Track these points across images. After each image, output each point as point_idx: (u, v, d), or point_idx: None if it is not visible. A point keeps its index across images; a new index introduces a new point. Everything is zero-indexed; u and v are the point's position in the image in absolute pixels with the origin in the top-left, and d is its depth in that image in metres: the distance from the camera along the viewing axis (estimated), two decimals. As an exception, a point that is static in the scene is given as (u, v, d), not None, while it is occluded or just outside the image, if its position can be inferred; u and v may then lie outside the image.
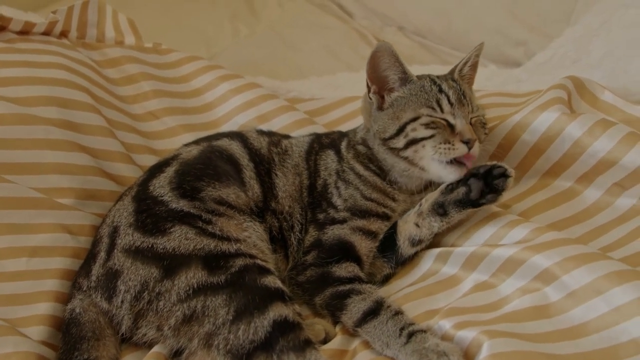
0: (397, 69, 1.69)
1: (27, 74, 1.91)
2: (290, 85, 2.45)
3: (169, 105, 2.19)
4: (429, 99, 1.67)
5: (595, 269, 1.37)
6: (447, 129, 1.63)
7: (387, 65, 1.68)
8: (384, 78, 1.70)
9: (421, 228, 1.65)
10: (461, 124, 1.63)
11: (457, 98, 1.67)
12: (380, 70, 1.69)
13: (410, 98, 1.69)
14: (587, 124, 1.66)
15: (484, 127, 1.73)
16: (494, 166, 1.59)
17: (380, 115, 1.71)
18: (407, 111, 1.67)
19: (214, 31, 3.49)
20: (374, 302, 1.49)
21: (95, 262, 1.57)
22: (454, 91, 1.68)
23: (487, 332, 1.33)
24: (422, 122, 1.64)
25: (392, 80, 1.70)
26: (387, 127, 1.69)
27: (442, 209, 1.62)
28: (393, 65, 1.68)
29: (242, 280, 1.46)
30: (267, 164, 1.76)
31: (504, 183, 1.57)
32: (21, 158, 1.76)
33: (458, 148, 1.60)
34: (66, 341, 1.49)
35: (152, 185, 1.65)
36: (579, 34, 2.44)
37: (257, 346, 1.39)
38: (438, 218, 1.62)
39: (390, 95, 1.71)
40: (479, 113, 1.71)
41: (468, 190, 1.59)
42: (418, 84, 1.70)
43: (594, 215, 1.64)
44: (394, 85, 1.71)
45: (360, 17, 3.57)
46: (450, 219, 1.62)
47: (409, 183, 1.73)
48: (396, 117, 1.68)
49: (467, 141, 1.61)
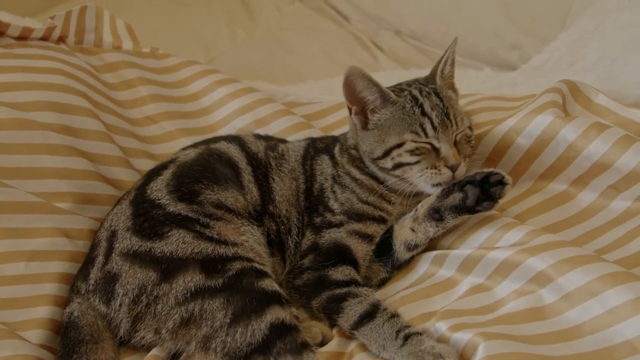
0: (373, 89, 1.68)
1: (25, 79, 1.92)
2: (287, 90, 2.46)
3: (167, 110, 2.20)
4: (412, 124, 1.66)
5: (589, 271, 1.38)
6: (432, 153, 1.64)
7: (362, 87, 1.68)
8: (362, 99, 1.70)
9: (417, 233, 1.65)
10: (445, 150, 1.63)
11: (440, 121, 1.65)
12: (356, 93, 1.69)
13: (394, 120, 1.68)
14: (582, 127, 1.66)
15: (469, 142, 1.72)
16: (491, 173, 1.59)
17: (367, 136, 1.72)
18: (392, 135, 1.67)
19: (211, 35, 3.50)
20: (371, 305, 1.50)
21: (94, 265, 1.58)
22: (437, 112, 1.66)
23: (483, 334, 1.34)
24: (407, 148, 1.65)
25: (371, 100, 1.70)
26: (373, 149, 1.69)
27: (438, 214, 1.62)
28: (368, 87, 1.68)
29: (239, 284, 1.47)
30: (264, 168, 1.76)
31: (501, 191, 1.58)
32: (19, 163, 1.76)
33: (444, 173, 1.62)
34: (65, 344, 1.50)
35: (149, 189, 1.65)
36: (574, 38, 2.45)
37: (255, 349, 1.40)
38: (434, 223, 1.63)
39: (373, 115, 1.71)
40: (463, 128, 1.69)
41: (464, 197, 1.59)
42: (399, 105, 1.69)
43: (589, 218, 1.65)
44: (375, 104, 1.70)
45: (356, 21, 3.59)
46: (446, 224, 1.63)
47: (403, 191, 1.72)
48: (381, 140, 1.68)
49: (452, 167, 1.62)
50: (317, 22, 3.61)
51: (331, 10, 3.70)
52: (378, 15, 3.48)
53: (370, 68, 3.08)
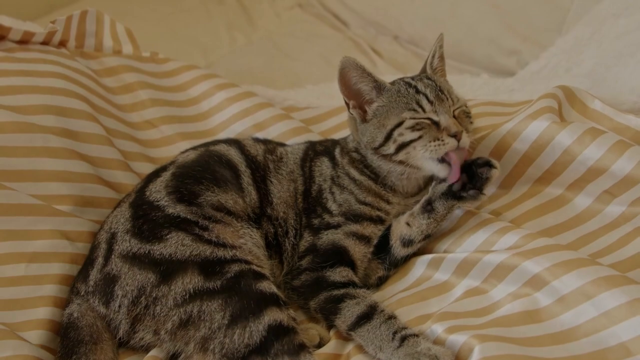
0: (367, 79, 1.70)
1: (26, 83, 1.93)
2: (286, 94, 2.47)
3: (166, 114, 2.21)
4: (408, 102, 1.68)
5: (584, 274, 1.39)
6: (432, 127, 1.65)
7: (357, 78, 1.70)
8: (358, 91, 1.72)
9: (411, 227, 1.67)
10: (445, 120, 1.64)
11: (435, 95, 1.68)
12: (352, 85, 1.71)
13: (391, 105, 1.70)
14: (577, 132, 1.67)
15: (468, 117, 1.74)
16: (478, 157, 1.63)
17: (366, 127, 1.74)
18: (391, 117, 1.69)
19: (210, 40, 3.52)
20: (368, 307, 1.51)
21: (93, 267, 1.59)
22: (431, 89, 1.69)
23: (479, 336, 1.35)
24: (407, 125, 1.66)
25: (366, 92, 1.72)
26: (374, 136, 1.71)
27: (429, 205, 1.65)
28: (362, 77, 1.70)
29: (237, 286, 1.48)
30: (262, 171, 1.78)
31: (489, 172, 1.60)
32: (20, 165, 1.77)
33: (448, 142, 1.61)
34: (64, 345, 1.51)
35: (148, 190, 1.67)
36: (571, 44, 2.47)
37: (253, 350, 1.41)
38: (426, 215, 1.65)
39: (370, 106, 1.73)
40: (460, 104, 1.73)
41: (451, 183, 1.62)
42: (394, 90, 1.72)
43: (584, 222, 1.66)
44: (371, 96, 1.72)
45: (355, 26, 3.60)
46: (437, 215, 1.64)
47: (408, 185, 1.76)
48: (381, 125, 1.70)
49: (455, 134, 1.62)
50: (316, 28, 3.62)
51: (330, 16, 3.72)
52: (377, 21, 3.50)
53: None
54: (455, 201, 1.63)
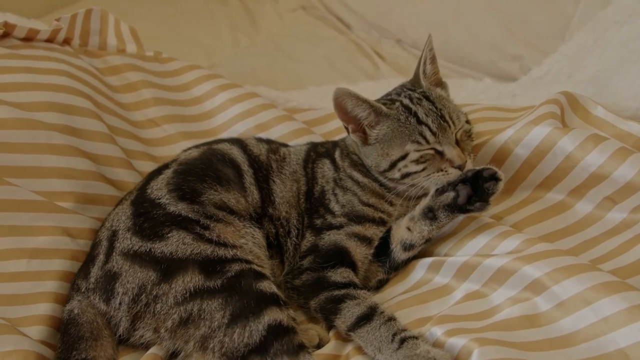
0: (363, 106, 1.70)
1: (30, 80, 1.94)
2: (289, 95, 2.48)
3: (169, 113, 2.21)
4: (411, 134, 1.67)
5: (584, 280, 1.40)
6: (436, 157, 1.66)
7: (352, 106, 1.70)
8: (355, 117, 1.72)
9: (412, 232, 1.67)
10: (449, 152, 1.65)
11: (437, 125, 1.67)
12: (348, 112, 1.71)
13: (393, 134, 1.70)
14: (579, 138, 1.68)
15: (469, 138, 1.74)
16: (484, 168, 1.61)
17: (370, 151, 1.74)
18: (394, 148, 1.69)
19: (213, 42, 3.53)
20: (368, 308, 1.51)
21: (94, 264, 1.60)
22: (433, 117, 1.68)
23: (478, 340, 1.35)
24: (411, 158, 1.67)
25: (364, 117, 1.72)
26: (379, 163, 1.72)
27: (432, 213, 1.64)
28: (357, 104, 1.70)
29: (238, 285, 1.48)
30: (265, 171, 1.78)
31: (495, 186, 1.59)
32: (23, 162, 1.78)
33: (452, 173, 1.64)
34: (64, 341, 1.51)
35: (149, 188, 1.67)
36: (574, 50, 2.48)
37: (252, 349, 1.42)
38: (428, 222, 1.65)
39: (372, 129, 1.73)
40: (461, 125, 1.71)
41: (456, 196, 1.61)
42: (394, 116, 1.71)
43: (585, 228, 1.66)
44: (369, 119, 1.72)
45: (358, 29, 3.61)
46: (440, 224, 1.64)
47: (414, 195, 1.74)
48: (385, 154, 1.71)
49: (459, 167, 1.64)
50: (320, 30, 3.63)
51: (333, 18, 3.73)
52: (380, 24, 3.51)
53: (371, 76, 3.12)
54: (459, 214, 1.63)
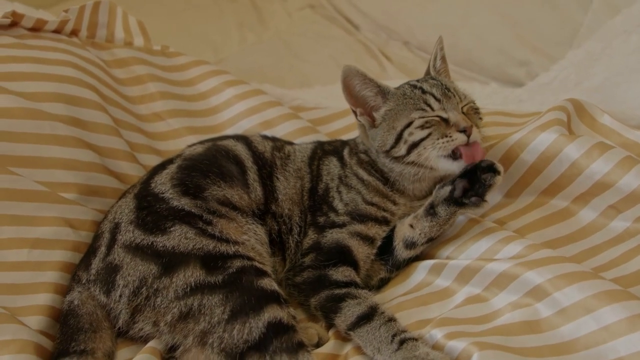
0: (370, 85, 1.72)
1: (36, 70, 1.94)
2: (295, 94, 2.48)
3: (174, 108, 2.21)
4: (416, 102, 1.70)
5: (586, 287, 1.39)
6: (442, 124, 1.66)
7: (360, 85, 1.72)
8: (362, 98, 1.74)
9: (415, 229, 1.67)
10: (454, 116, 1.66)
11: (442, 93, 1.70)
12: (356, 93, 1.73)
13: (399, 108, 1.72)
14: (585, 146, 1.67)
15: (477, 113, 1.75)
16: (482, 160, 1.62)
17: (376, 132, 1.74)
18: (400, 119, 1.70)
19: (221, 38, 3.52)
20: (369, 308, 1.51)
21: (96, 256, 1.60)
22: (437, 87, 1.71)
23: (477, 344, 1.35)
24: (417, 124, 1.67)
25: (371, 98, 1.74)
26: (385, 139, 1.72)
27: (432, 209, 1.65)
28: (365, 84, 1.72)
29: (239, 281, 1.48)
30: (269, 167, 1.78)
31: (492, 178, 1.60)
32: (27, 151, 1.78)
33: (457, 138, 1.62)
34: (63, 332, 1.51)
35: (153, 182, 1.67)
36: (581, 58, 2.48)
37: (251, 346, 1.42)
38: (429, 218, 1.65)
39: (378, 112, 1.74)
40: (468, 100, 1.74)
41: (452, 189, 1.62)
42: (400, 93, 1.74)
43: (589, 236, 1.66)
44: (376, 102, 1.74)
45: (366, 30, 3.60)
46: (439, 219, 1.64)
47: (419, 188, 1.76)
48: (391, 128, 1.71)
49: (464, 129, 1.63)
50: (327, 29, 3.62)
51: (341, 18, 3.72)
52: (388, 25, 3.50)
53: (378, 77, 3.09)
54: (456, 207, 1.63)
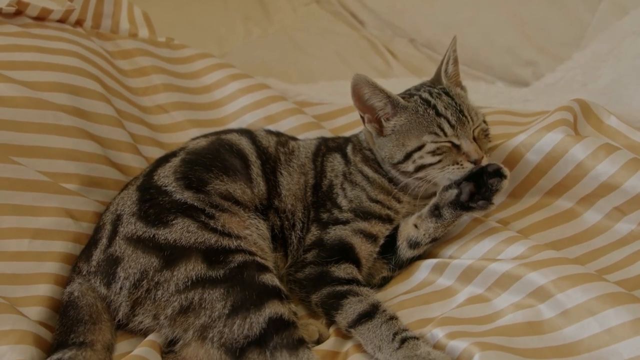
0: (380, 95, 1.69)
1: (40, 59, 1.93)
2: (299, 89, 2.46)
3: (178, 100, 2.20)
4: (429, 125, 1.66)
5: (590, 289, 1.38)
6: (453, 150, 1.65)
7: (369, 94, 1.69)
8: (371, 106, 1.71)
9: (419, 229, 1.66)
10: (466, 145, 1.64)
11: (456, 118, 1.66)
12: (365, 101, 1.71)
13: (410, 125, 1.69)
14: (591, 147, 1.66)
15: (487, 136, 1.74)
16: (488, 164, 1.61)
17: (384, 142, 1.73)
18: (411, 139, 1.68)
19: (225, 31, 3.51)
20: (370, 305, 1.50)
21: (97, 247, 1.59)
22: (452, 111, 1.67)
23: (479, 344, 1.34)
24: (428, 150, 1.65)
25: (380, 107, 1.71)
26: (393, 154, 1.70)
27: (437, 210, 1.64)
28: (375, 94, 1.69)
29: (240, 276, 1.47)
30: (273, 162, 1.77)
31: (499, 183, 1.59)
32: (30, 141, 1.77)
33: (466, 167, 1.62)
34: (63, 323, 1.50)
35: (156, 175, 1.66)
36: (588, 59, 2.46)
37: (251, 341, 1.41)
38: (434, 219, 1.64)
39: (388, 122, 1.72)
40: (479, 122, 1.71)
41: (459, 193, 1.61)
42: (412, 108, 1.70)
43: (593, 238, 1.65)
44: (386, 111, 1.71)
45: (372, 26, 3.59)
46: (445, 222, 1.63)
47: (424, 192, 1.73)
48: (401, 145, 1.69)
49: (474, 162, 1.63)
50: (333, 25, 3.61)
51: (347, 14, 3.71)
52: (394, 22, 3.49)
53: (383, 74, 3.10)
54: (462, 211, 1.62)
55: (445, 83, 1.77)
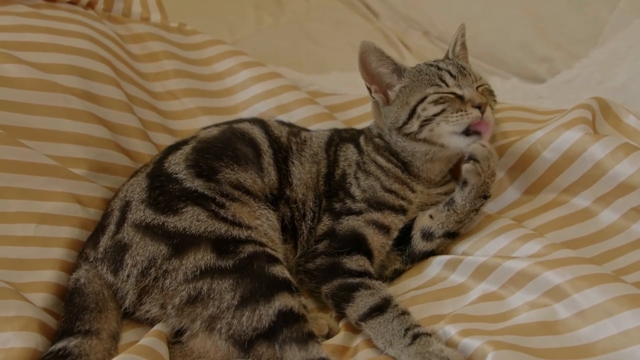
0: (386, 62, 1.72)
1: (50, 41, 1.91)
2: (312, 79, 2.44)
3: (189, 87, 2.18)
4: (431, 78, 1.69)
5: (607, 290, 1.36)
6: (456, 100, 1.65)
7: (376, 62, 1.71)
8: (378, 75, 1.73)
9: (434, 219, 1.65)
10: (469, 92, 1.65)
11: (457, 70, 1.70)
12: (372, 69, 1.72)
13: (413, 84, 1.71)
14: (610, 146, 1.64)
15: (492, 94, 1.75)
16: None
17: (390, 109, 1.73)
18: (414, 95, 1.69)
19: (236, 19, 3.48)
20: (382, 299, 1.48)
21: (104, 234, 1.57)
22: (453, 66, 1.72)
23: (493, 343, 1.32)
24: (431, 99, 1.66)
25: (387, 75, 1.73)
26: (398, 116, 1.70)
27: (451, 199, 1.65)
28: (381, 61, 1.71)
29: (250, 267, 1.45)
30: (284, 152, 1.75)
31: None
32: (38, 124, 1.75)
33: (471, 113, 1.62)
34: (68, 310, 1.48)
35: (167, 162, 1.64)
36: (606, 56, 2.45)
37: (260, 334, 1.39)
38: (447, 207, 1.64)
39: (392, 89, 1.73)
40: (483, 81, 1.74)
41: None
42: (415, 70, 1.74)
43: (609, 238, 1.62)
44: (391, 79, 1.73)
45: (386, 18, 3.56)
46: (457, 207, 1.63)
47: (432, 169, 1.74)
48: (405, 104, 1.69)
49: (479, 106, 1.62)
50: (346, 16, 3.58)
51: (361, 4, 3.68)
52: (408, 14, 3.46)
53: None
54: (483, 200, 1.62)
55: (451, 57, 1.81)
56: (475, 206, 1.64)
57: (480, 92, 1.69)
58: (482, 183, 1.61)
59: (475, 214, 1.65)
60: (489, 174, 1.62)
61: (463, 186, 1.63)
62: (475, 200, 1.62)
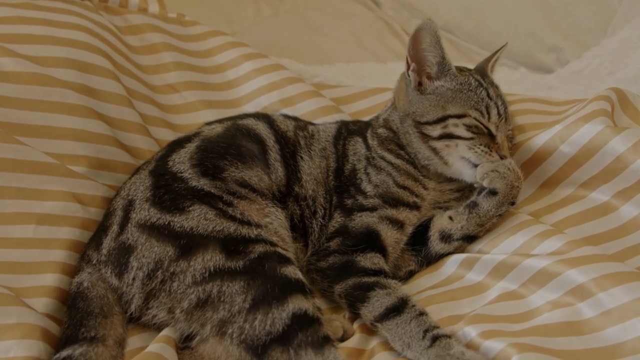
0: (437, 51, 1.67)
1: (46, 33, 1.86)
2: (315, 70, 2.39)
3: (190, 79, 2.13)
4: (478, 103, 1.65)
5: (633, 289, 1.32)
6: (487, 137, 1.64)
7: (428, 45, 1.66)
8: (422, 58, 1.68)
9: (453, 221, 1.62)
10: (501, 139, 1.65)
11: (504, 111, 1.67)
12: (420, 49, 1.67)
13: (458, 93, 1.66)
14: (632, 139, 1.59)
15: (510, 141, 1.73)
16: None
17: (420, 99, 1.68)
18: (454, 105, 1.64)
19: (235, 9, 3.41)
20: (399, 299, 1.43)
21: (107, 234, 1.51)
22: (502, 104, 1.68)
23: (516, 345, 1.27)
24: (466, 122, 1.63)
25: (430, 63, 1.68)
26: (426, 112, 1.66)
27: (473, 202, 1.61)
28: (433, 47, 1.66)
29: (261, 268, 1.40)
30: (292, 147, 1.71)
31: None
32: (35, 120, 1.70)
33: (494, 157, 1.62)
34: (72, 316, 1.42)
35: (171, 161, 1.59)
36: (616, 46, 2.41)
37: (274, 338, 1.34)
38: (468, 210, 1.61)
39: (432, 82, 1.69)
40: (511, 127, 1.73)
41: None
42: (462, 80, 1.68)
43: (630, 233, 1.57)
44: (432, 70, 1.69)
45: (387, 7, 3.49)
46: (479, 210, 1.59)
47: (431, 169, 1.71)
48: (440, 106, 1.65)
49: (502, 157, 1.62)
50: (347, 5, 3.51)
51: (362, -7, 3.61)
52: (411, 3, 3.39)
53: (401, 56, 3.03)
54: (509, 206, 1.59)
55: (492, 80, 1.77)
56: (500, 211, 1.60)
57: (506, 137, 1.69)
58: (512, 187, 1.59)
59: (498, 218, 1.61)
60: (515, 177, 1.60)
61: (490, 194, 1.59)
62: (501, 206, 1.59)
